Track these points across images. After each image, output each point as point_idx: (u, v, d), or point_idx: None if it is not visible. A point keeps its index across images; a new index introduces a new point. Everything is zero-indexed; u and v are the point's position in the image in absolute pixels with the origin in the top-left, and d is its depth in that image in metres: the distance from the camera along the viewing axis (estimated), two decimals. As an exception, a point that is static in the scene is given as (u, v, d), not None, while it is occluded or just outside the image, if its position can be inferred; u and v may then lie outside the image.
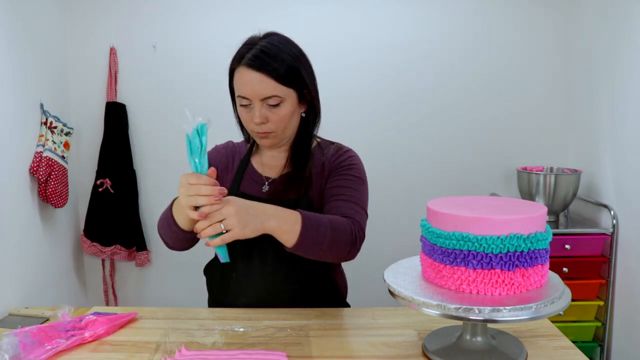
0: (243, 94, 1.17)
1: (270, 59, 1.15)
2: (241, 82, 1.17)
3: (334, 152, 1.31)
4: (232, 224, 0.99)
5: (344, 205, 1.20)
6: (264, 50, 1.16)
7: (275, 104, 1.17)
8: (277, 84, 1.15)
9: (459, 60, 2.59)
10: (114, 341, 1.12)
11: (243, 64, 1.16)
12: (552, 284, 0.99)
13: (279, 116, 1.18)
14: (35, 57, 2.25)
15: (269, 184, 1.28)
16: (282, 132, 1.22)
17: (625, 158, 2.18)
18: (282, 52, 1.17)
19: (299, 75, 1.19)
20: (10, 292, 2.03)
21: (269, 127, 1.19)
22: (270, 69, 1.14)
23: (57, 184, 2.26)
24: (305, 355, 1.05)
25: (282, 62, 1.16)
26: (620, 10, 2.21)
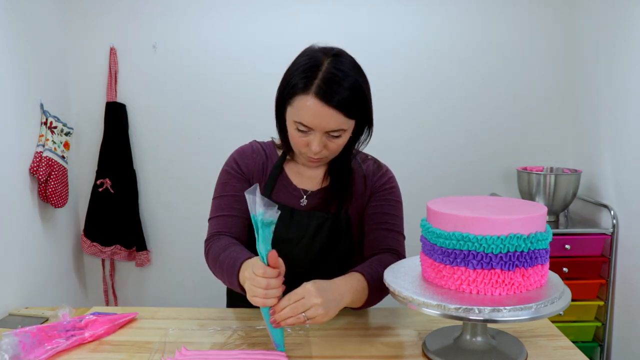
0: (305, 122, 1.08)
1: (341, 90, 1.06)
2: (306, 110, 1.07)
3: (375, 170, 1.29)
4: (317, 313, 0.98)
5: (387, 235, 1.22)
6: (334, 79, 1.06)
7: (337, 135, 1.11)
8: (344, 118, 1.08)
9: (458, 61, 2.59)
10: (114, 341, 1.12)
11: (312, 93, 1.06)
12: (552, 284, 0.99)
13: (337, 145, 1.13)
14: (35, 57, 2.25)
15: (307, 197, 1.24)
16: (333, 156, 1.19)
17: (625, 158, 2.18)
18: (350, 80, 1.08)
19: (365, 107, 1.13)
20: (10, 292, 2.02)
21: (324, 154, 1.14)
22: (341, 103, 1.06)
23: (57, 184, 2.26)
24: (305, 355, 1.05)
25: (350, 92, 1.07)
26: (620, 10, 2.20)
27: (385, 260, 1.17)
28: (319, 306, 0.97)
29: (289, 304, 0.97)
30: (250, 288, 0.99)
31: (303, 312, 0.97)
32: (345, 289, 1.05)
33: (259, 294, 0.97)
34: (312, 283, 1.01)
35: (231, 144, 1.37)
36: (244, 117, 2.56)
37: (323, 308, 0.98)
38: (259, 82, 2.53)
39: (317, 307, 0.97)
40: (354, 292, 1.07)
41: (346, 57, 1.14)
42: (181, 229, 2.64)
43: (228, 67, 2.55)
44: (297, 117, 1.09)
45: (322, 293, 0.99)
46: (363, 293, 1.09)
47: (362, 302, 1.10)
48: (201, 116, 2.60)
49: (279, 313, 0.98)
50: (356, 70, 1.12)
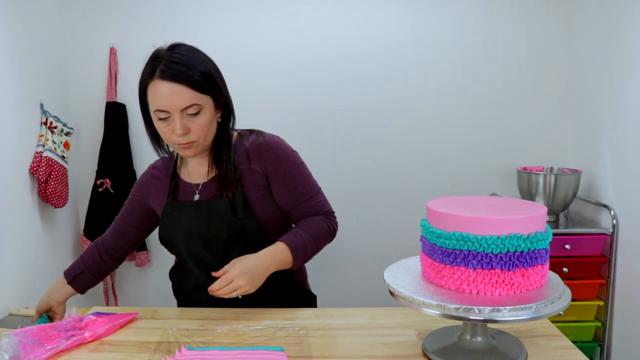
0: (161, 107, 1.17)
1: (183, 68, 1.16)
2: (157, 95, 1.17)
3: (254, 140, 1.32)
4: (245, 290, 1.16)
5: (307, 204, 1.32)
6: (175, 60, 1.17)
7: (195, 112, 1.18)
8: (195, 92, 1.16)
9: (458, 61, 2.59)
10: (114, 341, 1.12)
11: (157, 77, 1.16)
12: (552, 284, 0.99)
13: (200, 124, 1.19)
14: (35, 57, 2.25)
15: (199, 191, 1.31)
16: (204, 141, 1.23)
17: (625, 158, 2.18)
18: (193, 60, 1.19)
19: (213, 82, 1.22)
20: (10, 292, 2.03)
21: (190, 137, 1.20)
22: (186, 77, 1.15)
23: (57, 184, 2.26)
24: (305, 355, 1.05)
25: (196, 70, 1.17)
26: (620, 11, 2.20)
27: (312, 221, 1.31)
28: (245, 286, 1.15)
29: (219, 288, 1.14)
30: None
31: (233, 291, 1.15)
32: (270, 262, 1.21)
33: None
34: (239, 266, 1.16)
35: (231, 144, 1.37)
36: (244, 117, 2.55)
37: (249, 285, 1.16)
38: (259, 82, 2.53)
39: (243, 287, 1.15)
40: (279, 263, 1.23)
41: (186, 45, 1.26)
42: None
43: (228, 67, 2.52)
44: (153, 104, 1.19)
45: (248, 274, 1.16)
46: (287, 260, 1.25)
47: (289, 265, 1.26)
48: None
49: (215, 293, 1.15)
50: (195, 51, 1.24)
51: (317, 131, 2.60)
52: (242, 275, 1.15)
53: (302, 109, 2.58)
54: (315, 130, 2.60)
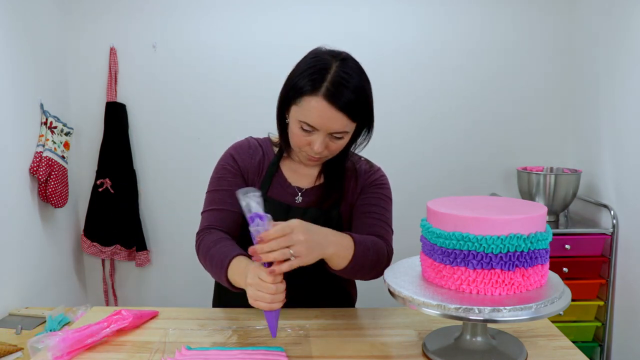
0: (311, 123, 1.10)
1: (351, 96, 1.09)
2: (313, 111, 1.09)
3: (367, 169, 1.32)
4: (301, 251, 0.98)
5: (375, 224, 1.23)
6: (342, 83, 1.09)
7: (340, 137, 1.14)
8: (349, 121, 1.11)
9: (459, 61, 2.59)
10: (114, 341, 1.12)
11: (321, 95, 1.08)
12: (552, 284, 0.99)
13: (338, 146, 1.16)
14: (35, 57, 2.25)
15: (302, 194, 1.26)
16: (332, 156, 1.21)
17: (625, 158, 2.18)
18: (358, 86, 1.11)
19: (369, 111, 1.17)
20: (10, 292, 2.03)
21: (324, 154, 1.16)
22: (347, 106, 1.09)
23: (57, 184, 2.26)
24: (305, 355, 1.05)
25: (358, 97, 1.10)
26: (620, 10, 2.21)
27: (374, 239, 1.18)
28: (302, 243, 0.98)
29: (275, 236, 0.96)
30: (255, 294, 0.99)
31: (288, 247, 0.97)
32: (332, 238, 1.07)
33: (266, 300, 0.98)
34: (299, 220, 1.01)
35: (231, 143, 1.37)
36: (244, 117, 2.56)
37: (306, 246, 0.98)
38: (259, 82, 2.54)
39: (301, 244, 0.98)
40: (339, 245, 1.08)
41: (353, 61, 1.16)
42: (181, 229, 2.64)
43: (228, 67, 2.55)
44: (303, 117, 1.11)
45: (309, 233, 1.00)
46: (348, 251, 1.09)
47: (346, 260, 1.09)
48: (201, 116, 2.60)
49: (267, 244, 0.97)
50: (362, 74, 1.15)
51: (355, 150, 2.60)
52: (303, 229, 1.00)
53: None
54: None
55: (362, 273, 1.15)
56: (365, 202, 1.27)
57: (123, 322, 1.14)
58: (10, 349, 1.68)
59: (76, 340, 1.05)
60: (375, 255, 1.15)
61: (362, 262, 1.12)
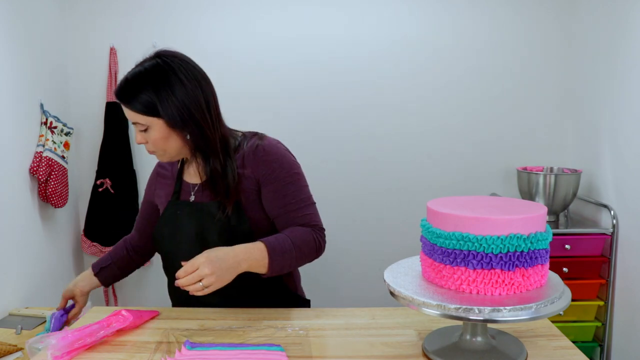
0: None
1: (127, 88, 1.21)
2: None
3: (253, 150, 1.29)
4: (210, 281, 1.08)
5: (294, 215, 1.27)
6: (127, 77, 1.22)
7: (143, 129, 1.23)
8: (136, 114, 1.21)
9: (459, 61, 2.59)
10: (114, 341, 1.12)
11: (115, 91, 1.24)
12: (552, 284, 0.99)
13: (151, 139, 1.24)
14: (35, 57, 2.25)
15: (195, 191, 1.34)
16: (165, 152, 1.28)
17: (625, 158, 2.18)
18: (142, 81, 1.20)
19: (153, 107, 1.20)
20: (10, 292, 2.03)
21: (149, 147, 1.27)
22: (126, 101, 1.21)
23: (57, 184, 2.26)
24: (305, 355, 1.05)
25: (137, 93, 1.19)
26: (620, 11, 2.21)
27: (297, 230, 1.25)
28: (210, 275, 1.07)
29: (185, 275, 1.08)
30: None
31: (199, 281, 1.07)
32: (243, 256, 1.14)
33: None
34: (206, 254, 1.10)
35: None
36: (244, 116, 2.55)
37: (215, 277, 1.08)
38: (259, 82, 2.53)
39: (209, 277, 1.07)
40: (251, 260, 1.15)
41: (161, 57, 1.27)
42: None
43: (227, 66, 2.55)
44: None
45: (215, 264, 1.09)
46: (263, 261, 1.17)
47: (264, 268, 1.17)
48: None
49: (179, 281, 1.08)
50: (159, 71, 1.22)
51: (316, 131, 2.60)
52: (209, 263, 1.08)
53: (301, 109, 2.58)
54: (315, 131, 2.60)
55: (290, 268, 1.24)
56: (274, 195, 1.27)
57: (123, 322, 1.14)
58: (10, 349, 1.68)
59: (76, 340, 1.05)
60: (299, 251, 1.21)
61: (282, 264, 1.20)
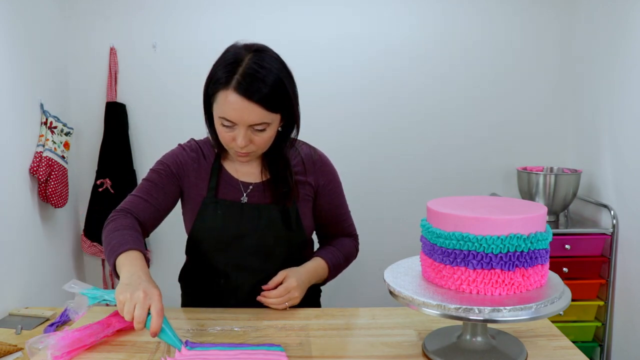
0: (229, 117, 1.12)
1: (259, 85, 1.09)
2: (227, 106, 1.11)
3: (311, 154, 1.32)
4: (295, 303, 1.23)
5: (343, 225, 1.40)
6: (252, 73, 1.09)
7: (262, 129, 1.14)
8: (266, 112, 1.11)
9: (459, 61, 2.60)
10: (114, 341, 1.12)
11: (232, 87, 1.09)
12: (552, 284, 0.99)
13: (263, 139, 1.16)
14: (35, 57, 2.25)
15: (251, 190, 1.27)
16: (261, 151, 1.21)
17: (625, 158, 2.18)
18: (271, 75, 1.11)
19: (287, 100, 1.16)
20: (10, 292, 2.03)
21: (251, 148, 1.17)
22: (260, 96, 1.09)
23: (57, 184, 2.26)
24: (305, 355, 1.05)
25: (271, 87, 1.10)
26: (619, 11, 2.21)
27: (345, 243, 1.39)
28: (297, 298, 1.22)
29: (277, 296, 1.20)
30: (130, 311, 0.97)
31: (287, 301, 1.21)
32: (312, 276, 1.28)
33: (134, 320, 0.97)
34: (296, 279, 1.22)
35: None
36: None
37: (299, 297, 1.22)
38: (259, 82, 2.54)
39: (296, 299, 1.21)
40: (318, 277, 1.30)
41: (268, 52, 1.17)
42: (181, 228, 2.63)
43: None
44: (221, 112, 1.13)
45: (302, 287, 1.23)
46: (323, 277, 1.32)
47: (322, 281, 1.34)
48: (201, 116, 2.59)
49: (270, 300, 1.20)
50: (278, 65, 1.15)
51: (316, 131, 2.59)
52: (299, 288, 1.22)
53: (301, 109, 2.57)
54: (315, 130, 2.59)
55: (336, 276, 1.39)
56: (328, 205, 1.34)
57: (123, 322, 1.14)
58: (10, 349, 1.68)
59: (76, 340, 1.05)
60: (347, 262, 1.39)
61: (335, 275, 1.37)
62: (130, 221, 1.19)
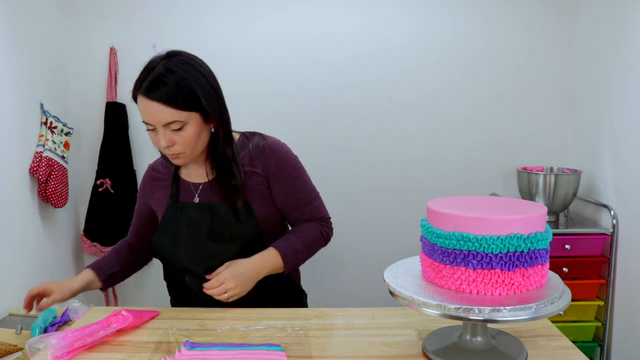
0: (144, 119, 1.20)
1: (164, 87, 1.15)
2: (142, 110, 1.19)
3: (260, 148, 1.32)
4: (235, 293, 1.23)
5: (304, 209, 1.36)
6: (158, 77, 1.16)
7: (178, 128, 1.18)
8: (175, 110, 1.16)
9: (459, 61, 2.59)
10: (114, 341, 1.12)
11: (141, 92, 1.17)
12: (552, 284, 0.99)
13: (184, 139, 1.20)
14: (35, 57, 2.25)
15: (200, 192, 1.33)
16: (192, 151, 1.24)
17: (625, 158, 2.18)
18: (177, 77, 1.16)
19: (196, 99, 1.19)
20: (10, 292, 2.03)
21: (176, 149, 1.21)
22: (166, 97, 1.15)
23: (57, 184, 2.26)
24: (305, 355, 1.05)
25: (177, 88, 1.16)
26: (620, 11, 2.21)
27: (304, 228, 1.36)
28: (234, 288, 1.22)
29: (211, 289, 1.22)
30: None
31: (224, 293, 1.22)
32: (261, 266, 1.27)
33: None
34: (230, 271, 1.23)
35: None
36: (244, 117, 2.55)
37: (239, 288, 1.23)
38: (259, 82, 2.54)
39: (234, 289, 1.22)
40: (270, 268, 1.29)
41: (181, 56, 1.22)
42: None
43: (228, 66, 2.55)
44: (141, 116, 1.21)
45: (238, 278, 1.23)
46: (278, 266, 1.30)
47: (280, 271, 1.32)
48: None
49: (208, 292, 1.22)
50: (187, 65, 1.20)
51: (317, 131, 2.60)
52: (232, 278, 1.22)
53: (302, 109, 2.58)
54: (315, 130, 2.60)
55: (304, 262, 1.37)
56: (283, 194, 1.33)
57: (123, 322, 1.14)
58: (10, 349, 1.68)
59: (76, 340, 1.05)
60: (309, 249, 1.35)
61: (296, 262, 1.34)
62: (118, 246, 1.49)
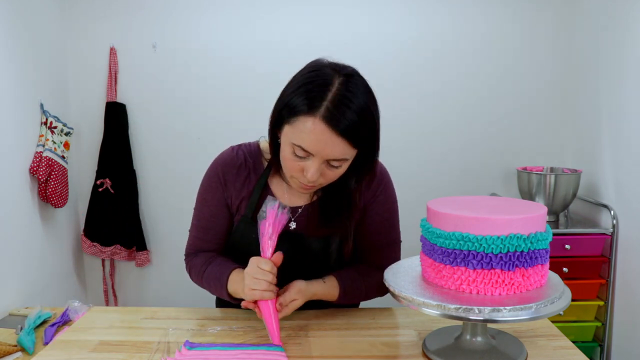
0: (306, 147, 0.96)
1: (352, 116, 0.94)
2: (308, 135, 0.94)
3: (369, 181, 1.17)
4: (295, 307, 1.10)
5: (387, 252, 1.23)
6: (345, 102, 0.93)
7: (338, 165, 1.00)
8: (350, 147, 0.97)
9: (459, 61, 2.59)
10: (114, 341, 1.12)
11: (320, 117, 0.93)
12: (552, 284, 0.99)
13: (335, 175, 1.02)
14: (35, 57, 2.25)
15: (296, 218, 1.14)
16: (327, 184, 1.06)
17: (625, 158, 2.18)
18: (363, 108, 0.96)
19: (373, 138, 1.02)
20: (10, 292, 2.03)
21: (319, 182, 1.02)
22: (350, 131, 0.94)
23: (57, 184, 2.26)
24: (305, 355, 1.05)
25: (363, 122, 0.96)
26: (620, 11, 2.21)
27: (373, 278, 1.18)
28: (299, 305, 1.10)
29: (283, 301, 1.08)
30: (253, 281, 1.03)
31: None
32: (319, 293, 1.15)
33: (262, 286, 1.03)
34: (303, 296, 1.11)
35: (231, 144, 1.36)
36: (244, 117, 2.56)
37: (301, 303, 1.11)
38: (259, 82, 2.54)
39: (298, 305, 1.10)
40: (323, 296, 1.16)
41: (359, 78, 1.01)
42: (181, 228, 2.62)
43: (228, 67, 2.55)
44: (297, 140, 0.96)
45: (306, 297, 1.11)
46: (332, 298, 1.18)
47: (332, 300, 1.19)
48: (201, 116, 2.60)
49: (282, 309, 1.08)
50: (368, 94, 1.01)
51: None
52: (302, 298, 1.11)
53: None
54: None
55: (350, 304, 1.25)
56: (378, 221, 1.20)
57: None
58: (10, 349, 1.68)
59: None
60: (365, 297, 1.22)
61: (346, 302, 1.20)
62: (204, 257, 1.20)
